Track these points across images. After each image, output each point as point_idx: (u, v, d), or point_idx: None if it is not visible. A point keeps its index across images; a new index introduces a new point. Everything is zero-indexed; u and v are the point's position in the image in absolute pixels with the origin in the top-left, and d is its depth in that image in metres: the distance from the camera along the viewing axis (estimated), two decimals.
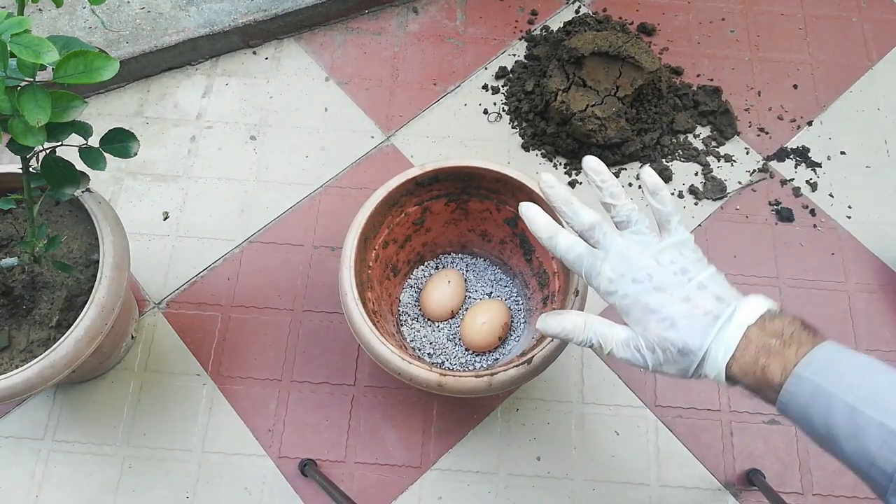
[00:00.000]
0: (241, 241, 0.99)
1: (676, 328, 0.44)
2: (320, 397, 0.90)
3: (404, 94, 1.10)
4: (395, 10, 1.18)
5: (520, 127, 1.08)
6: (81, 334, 0.67)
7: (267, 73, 1.12)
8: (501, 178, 0.77)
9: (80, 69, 0.47)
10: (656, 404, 0.90)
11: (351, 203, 1.02)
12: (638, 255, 0.47)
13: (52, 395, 0.89)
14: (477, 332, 0.84)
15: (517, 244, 0.86)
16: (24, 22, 0.45)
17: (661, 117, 1.06)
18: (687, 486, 0.86)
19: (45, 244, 0.67)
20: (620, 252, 0.47)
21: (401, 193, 0.78)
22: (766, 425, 0.89)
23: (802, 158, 1.06)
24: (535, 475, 0.86)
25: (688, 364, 0.44)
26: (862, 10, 1.19)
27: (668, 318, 0.44)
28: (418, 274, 0.93)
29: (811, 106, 1.10)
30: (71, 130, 0.56)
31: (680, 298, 0.45)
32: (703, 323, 0.44)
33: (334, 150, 1.05)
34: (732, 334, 0.43)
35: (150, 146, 1.05)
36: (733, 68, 1.13)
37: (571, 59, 1.02)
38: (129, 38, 1.07)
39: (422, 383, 0.65)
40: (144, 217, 1.00)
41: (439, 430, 0.88)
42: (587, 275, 0.48)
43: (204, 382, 0.90)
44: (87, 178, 0.62)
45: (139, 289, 0.95)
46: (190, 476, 0.85)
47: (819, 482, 0.86)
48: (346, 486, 0.85)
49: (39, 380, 0.66)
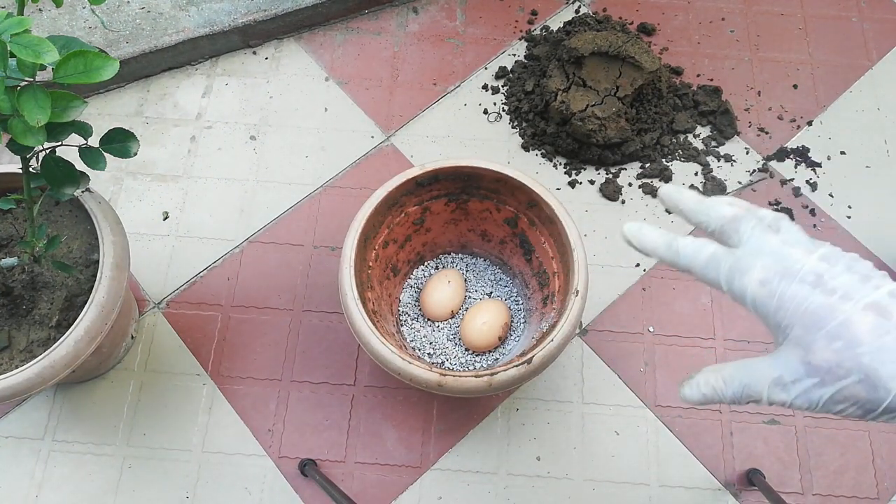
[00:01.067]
0: (241, 241, 0.99)
1: (860, 346, 0.31)
2: (320, 397, 0.90)
3: (404, 94, 1.10)
4: (395, 10, 1.18)
5: (520, 127, 1.08)
6: (81, 334, 0.67)
7: (267, 73, 1.12)
8: (501, 178, 0.77)
9: (80, 69, 0.47)
10: (656, 404, 0.90)
11: (351, 203, 1.02)
12: (799, 252, 0.34)
13: (52, 395, 0.89)
14: (477, 332, 0.84)
15: (517, 244, 0.86)
16: (24, 22, 0.45)
17: (661, 117, 1.06)
18: (687, 486, 0.86)
19: (45, 244, 0.67)
20: (775, 248, 0.34)
21: (401, 193, 0.78)
22: (766, 425, 0.89)
23: (802, 158, 1.06)
24: (535, 475, 0.86)
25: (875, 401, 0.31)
26: (862, 10, 1.19)
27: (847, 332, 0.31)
28: (418, 274, 0.93)
29: (811, 106, 1.10)
30: (71, 130, 0.56)
31: (865, 305, 0.31)
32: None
33: (334, 150, 1.05)
34: None
35: (150, 146, 1.05)
36: (733, 68, 1.13)
37: (571, 59, 1.02)
38: (129, 38, 1.07)
39: (422, 383, 0.65)
40: (144, 217, 1.00)
41: (439, 430, 0.88)
42: (728, 278, 0.35)
43: (204, 382, 0.90)
44: (87, 178, 0.62)
45: (139, 289, 0.95)
46: (190, 476, 0.85)
47: (819, 482, 0.86)
48: (346, 486, 0.85)
49: (39, 380, 0.66)
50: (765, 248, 0.35)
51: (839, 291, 0.32)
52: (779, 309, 0.33)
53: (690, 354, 0.92)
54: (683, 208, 0.39)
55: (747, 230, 0.36)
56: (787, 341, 0.33)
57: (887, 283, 0.32)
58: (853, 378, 0.31)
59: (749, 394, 0.35)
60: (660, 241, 0.39)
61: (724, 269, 0.35)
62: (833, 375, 0.31)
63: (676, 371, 0.91)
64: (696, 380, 0.37)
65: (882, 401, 0.31)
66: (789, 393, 0.33)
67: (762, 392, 0.34)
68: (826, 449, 0.87)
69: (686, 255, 0.37)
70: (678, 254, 0.37)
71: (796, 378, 0.33)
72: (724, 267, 0.35)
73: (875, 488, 0.85)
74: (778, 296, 0.33)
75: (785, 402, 0.34)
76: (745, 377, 0.35)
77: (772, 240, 0.35)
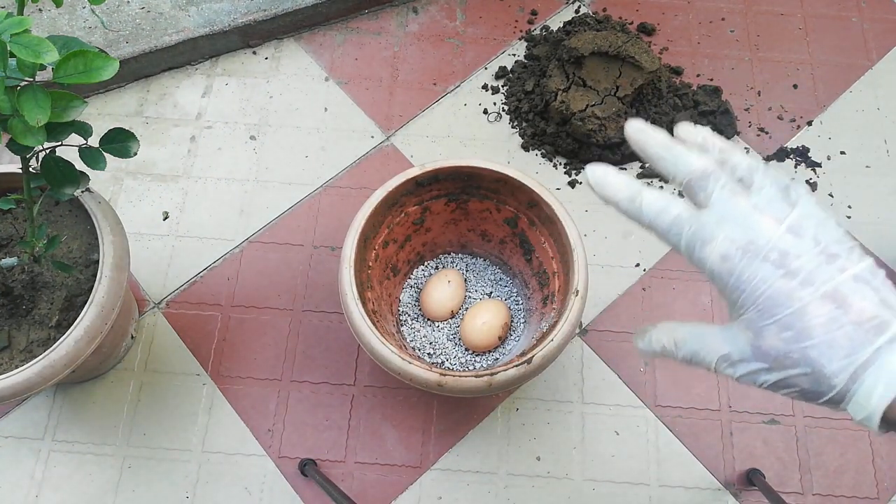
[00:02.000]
0: (241, 241, 0.99)
1: (809, 339, 0.30)
2: (320, 397, 0.90)
3: (404, 94, 1.10)
4: (394, 10, 1.18)
5: (520, 127, 1.08)
6: (81, 334, 0.67)
7: (267, 73, 1.12)
8: (501, 178, 0.77)
9: (80, 69, 0.47)
10: (656, 404, 0.90)
11: (351, 203, 1.02)
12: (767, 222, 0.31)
13: (52, 395, 0.89)
14: (477, 332, 0.84)
15: (517, 244, 0.86)
16: (23, 22, 0.45)
17: (661, 117, 1.06)
18: (687, 486, 0.86)
19: (45, 244, 0.67)
20: (742, 215, 0.32)
21: (401, 193, 0.78)
22: (766, 425, 0.89)
23: (802, 158, 1.06)
24: (535, 475, 0.86)
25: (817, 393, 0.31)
26: (862, 10, 1.19)
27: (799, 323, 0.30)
28: (418, 274, 0.93)
29: (811, 106, 1.10)
30: (71, 130, 0.56)
31: (824, 294, 0.30)
32: (853, 337, 0.29)
33: (334, 150, 1.05)
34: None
35: (150, 146, 1.05)
36: (733, 68, 1.13)
37: (571, 58, 1.02)
38: (128, 38, 1.07)
39: (422, 383, 0.65)
40: (144, 217, 1.00)
41: (439, 430, 0.88)
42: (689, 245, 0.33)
43: (204, 382, 0.90)
44: (86, 178, 0.62)
45: (139, 289, 0.95)
46: (190, 476, 0.85)
47: (819, 482, 0.86)
48: (346, 486, 0.85)
49: (39, 380, 0.66)
50: (731, 214, 0.32)
51: (801, 275, 0.30)
52: (736, 288, 0.32)
53: None
54: (650, 153, 0.35)
55: (715, 190, 0.33)
56: (740, 320, 0.32)
57: (854, 262, 0.31)
58: (799, 370, 0.30)
59: (697, 361, 0.34)
60: (623, 191, 0.35)
61: (686, 235, 0.33)
62: (780, 364, 0.31)
63: (676, 371, 0.91)
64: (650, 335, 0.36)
65: (824, 394, 0.30)
66: (735, 370, 0.33)
67: (710, 363, 0.34)
68: (826, 449, 0.87)
69: (649, 213, 0.34)
70: (641, 210, 0.34)
71: (743, 358, 0.32)
72: (686, 233, 0.33)
73: (875, 488, 0.85)
74: (737, 275, 0.31)
75: (731, 376, 0.33)
76: (695, 344, 0.34)
77: (740, 203, 0.32)
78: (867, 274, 0.30)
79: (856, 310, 0.29)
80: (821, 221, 0.32)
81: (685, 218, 0.33)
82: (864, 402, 0.29)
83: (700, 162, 0.34)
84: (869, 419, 0.29)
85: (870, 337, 0.29)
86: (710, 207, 0.33)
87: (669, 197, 0.34)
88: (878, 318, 0.29)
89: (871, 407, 0.29)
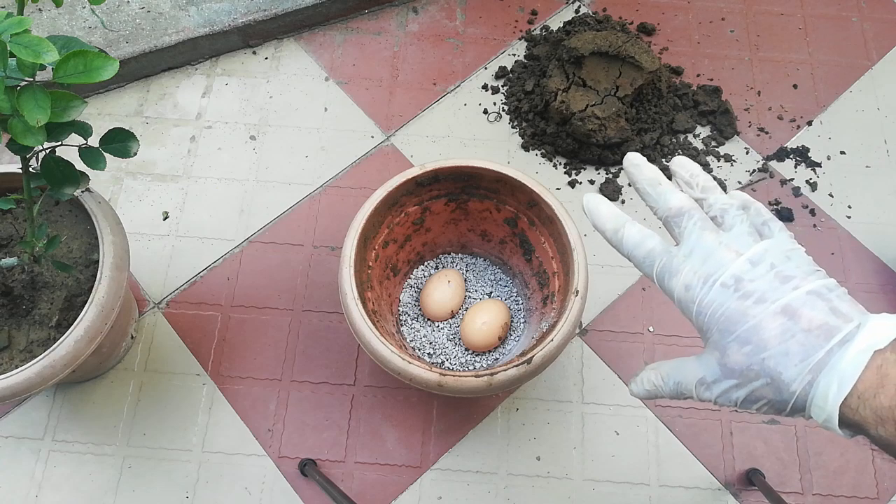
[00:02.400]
0: (241, 241, 0.99)
1: (765, 350, 0.31)
2: (320, 397, 0.90)
3: (404, 94, 1.10)
4: (394, 10, 1.18)
5: (520, 127, 1.08)
6: (81, 334, 0.67)
7: (267, 72, 1.12)
8: (501, 178, 0.77)
9: (80, 69, 0.47)
10: (656, 404, 0.90)
11: (351, 203, 1.02)
12: (729, 255, 0.34)
13: (52, 395, 0.89)
14: (477, 332, 0.84)
15: (517, 244, 0.86)
16: (23, 22, 0.45)
17: (661, 117, 1.06)
18: (687, 486, 0.86)
19: (45, 244, 0.67)
20: (707, 249, 0.34)
21: (401, 193, 0.78)
22: (766, 425, 0.89)
23: (802, 158, 1.06)
24: (535, 475, 0.86)
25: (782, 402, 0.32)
26: (862, 10, 1.19)
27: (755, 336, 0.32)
28: (418, 274, 0.93)
29: (811, 106, 1.10)
30: (71, 130, 0.56)
31: (776, 310, 0.32)
32: (805, 343, 0.31)
33: (334, 150, 1.05)
34: (852, 361, 0.29)
35: (150, 146, 1.05)
36: (733, 68, 1.13)
37: (571, 58, 1.02)
38: (128, 38, 1.07)
39: (422, 383, 0.65)
40: (144, 217, 1.00)
41: (439, 430, 0.88)
42: (659, 277, 0.36)
43: (204, 382, 0.90)
44: (86, 178, 0.62)
45: (139, 289, 0.95)
46: (190, 476, 0.85)
47: (819, 482, 0.86)
48: (346, 486, 0.85)
49: (39, 380, 0.66)
50: (697, 249, 0.35)
51: (755, 295, 0.32)
52: (699, 314, 0.34)
53: (690, 354, 0.92)
54: (639, 187, 0.39)
55: (688, 226, 0.36)
56: (709, 344, 0.35)
57: (809, 281, 0.32)
58: (762, 381, 0.32)
59: (681, 391, 0.36)
60: (610, 223, 0.39)
61: (658, 268, 0.36)
62: (745, 378, 0.32)
63: None
64: (640, 377, 0.39)
65: (787, 402, 0.32)
66: (712, 392, 0.34)
67: (690, 390, 0.36)
68: (826, 449, 0.87)
69: (628, 245, 0.38)
70: (621, 242, 0.38)
71: (715, 379, 0.34)
72: (658, 266, 0.36)
73: (875, 488, 0.85)
74: (698, 301, 0.34)
75: (709, 399, 0.35)
76: (677, 376, 0.36)
77: (707, 239, 0.35)
78: (823, 290, 0.32)
79: (805, 319, 0.31)
80: (787, 252, 0.34)
81: (658, 252, 0.36)
82: (821, 404, 0.30)
83: (677, 200, 0.37)
84: (829, 420, 0.30)
85: (820, 342, 0.30)
86: (682, 243, 0.36)
87: (647, 232, 0.37)
88: (827, 324, 0.31)
89: (829, 408, 0.30)
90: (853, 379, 0.29)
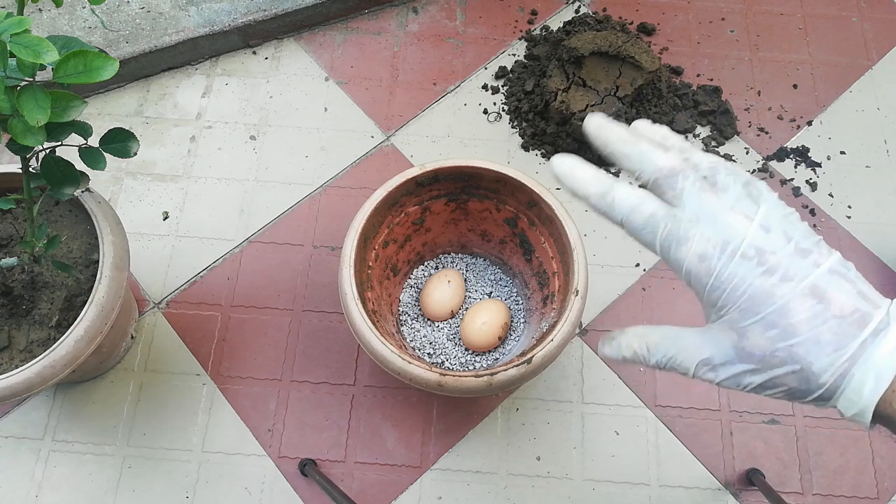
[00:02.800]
0: (241, 241, 0.99)
1: (794, 336, 0.29)
2: (320, 397, 0.90)
3: (404, 94, 1.10)
4: (394, 10, 1.18)
5: (520, 127, 1.08)
6: (81, 334, 0.67)
7: (267, 72, 1.12)
8: (501, 178, 0.77)
9: (80, 69, 0.47)
10: (656, 404, 0.90)
11: (351, 203, 1.02)
12: (739, 219, 0.30)
13: (52, 395, 0.89)
14: (477, 332, 0.84)
15: (517, 244, 0.86)
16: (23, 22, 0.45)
17: (661, 117, 1.06)
18: (687, 486, 0.86)
19: (45, 244, 0.67)
20: (714, 213, 0.31)
21: (401, 193, 0.78)
22: (766, 425, 0.89)
23: (802, 158, 1.06)
24: (535, 475, 0.86)
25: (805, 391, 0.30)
26: (862, 10, 1.19)
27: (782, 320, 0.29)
28: (418, 274, 0.93)
29: (811, 106, 1.10)
30: (71, 130, 0.56)
31: (803, 291, 0.29)
32: (837, 331, 0.29)
33: (334, 150, 1.05)
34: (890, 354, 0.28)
35: (150, 146, 1.05)
36: (733, 68, 1.13)
37: (571, 58, 1.02)
38: (128, 38, 1.07)
39: (422, 383, 0.65)
40: (144, 217, 1.00)
41: (439, 430, 0.88)
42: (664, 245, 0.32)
43: (204, 382, 0.90)
44: (86, 178, 0.62)
45: (139, 289, 0.95)
46: (190, 476, 0.85)
47: (819, 482, 0.86)
48: (346, 486, 0.85)
49: (39, 380, 0.66)
50: (704, 213, 0.31)
51: (779, 271, 0.29)
52: (716, 288, 0.31)
53: None
54: (613, 150, 0.34)
55: (685, 187, 0.32)
56: (721, 322, 0.31)
57: (825, 256, 0.30)
58: (787, 368, 0.29)
59: (674, 366, 0.33)
60: (594, 186, 0.34)
61: (663, 234, 0.32)
62: (766, 364, 0.30)
63: None
64: (618, 341, 0.36)
65: (812, 392, 0.30)
66: (717, 374, 0.32)
67: (689, 369, 0.33)
68: (826, 449, 0.87)
69: (621, 209, 0.33)
70: (612, 207, 0.33)
71: (725, 361, 0.31)
72: (663, 232, 0.32)
73: (875, 488, 0.85)
74: (716, 274, 0.30)
75: (712, 381, 0.32)
76: (671, 349, 0.33)
77: (711, 201, 0.31)
78: (840, 267, 0.30)
79: (837, 304, 0.29)
80: (785, 216, 0.31)
81: (660, 216, 0.32)
82: (854, 398, 0.29)
83: (666, 159, 0.33)
84: (861, 414, 0.29)
85: (853, 330, 0.28)
86: (681, 206, 0.32)
87: (643, 194, 0.33)
88: (860, 311, 0.29)
89: (863, 402, 0.28)
90: (893, 373, 0.28)
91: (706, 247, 0.31)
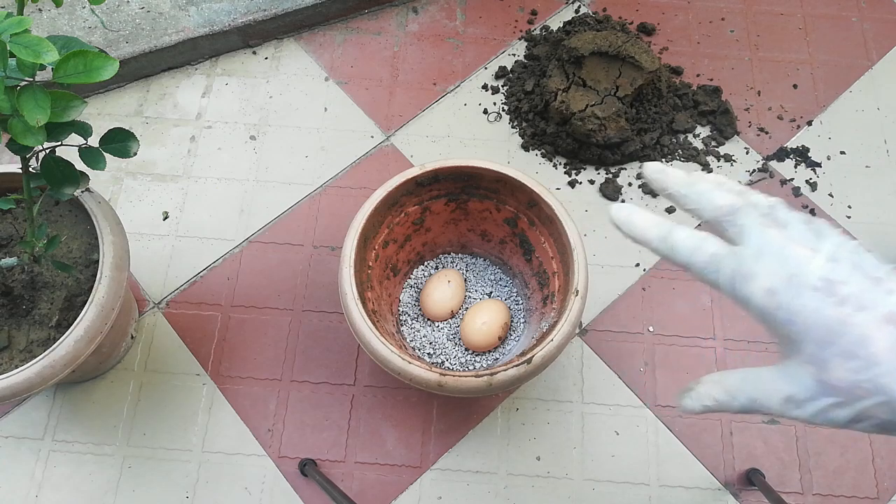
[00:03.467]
0: (241, 241, 0.99)
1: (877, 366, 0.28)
2: (320, 397, 0.90)
3: (404, 93, 1.10)
4: (394, 10, 1.18)
5: (520, 127, 1.08)
6: (81, 334, 0.67)
7: (267, 72, 1.12)
8: (501, 178, 0.77)
9: (80, 69, 0.47)
10: (656, 404, 0.90)
11: (351, 203, 1.02)
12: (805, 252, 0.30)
13: (52, 395, 0.89)
14: (477, 332, 0.84)
15: (517, 244, 0.86)
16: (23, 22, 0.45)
17: (661, 117, 1.06)
18: (687, 486, 0.86)
19: (44, 244, 0.67)
20: (778, 248, 0.31)
21: (401, 193, 0.78)
22: (766, 425, 0.89)
23: (802, 158, 1.06)
24: (535, 475, 0.86)
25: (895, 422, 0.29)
26: (862, 10, 1.19)
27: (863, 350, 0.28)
28: (418, 274, 0.93)
29: (811, 106, 1.10)
30: (71, 130, 0.56)
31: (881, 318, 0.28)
32: None
33: (334, 150, 1.05)
34: None
35: (150, 146, 1.05)
36: (733, 68, 1.13)
37: (571, 58, 1.02)
38: (128, 38, 1.07)
39: (422, 383, 0.65)
40: (144, 217, 1.00)
41: (439, 430, 0.88)
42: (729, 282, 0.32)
43: (204, 382, 0.90)
44: (86, 178, 0.62)
45: (139, 289, 0.95)
46: (190, 476, 0.85)
47: (819, 482, 0.86)
48: (345, 486, 0.85)
49: (39, 380, 0.66)
50: (768, 248, 0.31)
51: (851, 300, 0.29)
52: (788, 322, 0.30)
53: (690, 354, 0.92)
54: (672, 192, 0.35)
55: (747, 223, 0.32)
56: (799, 356, 0.30)
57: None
58: (874, 400, 0.28)
59: (758, 408, 0.32)
60: (653, 231, 0.35)
61: (727, 272, 0.32)
62: (852, 396, 0.29)
63: (676, 371, 0.91)
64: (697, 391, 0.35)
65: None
66: (804, 410, 0.31)
67: (773, 408, 0.31)
68: (826, 449, 0.87)
69: (683, 252, 0.34)
70: (674, 249, 0.34)
71: (810, 396, 0.30)
72: (727, 270, 0.32)
73: (875, 488, 0.85)
74: (786, 308, 0.30)
75: (801, 418, 0.31)
76: (752, 391, 0.32)
77: (774, 236, 0.31)
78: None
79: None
80: (853, 249, 0.31)
81: (723, 255, 0.32)
82: None
83: (725, 199, 0.33)
84: None
85: None
86: (745, 243, 0.32)
87: (702, 235, 0.33)
88: None
89: None
90: None
91: (774, 281, 0.30)
